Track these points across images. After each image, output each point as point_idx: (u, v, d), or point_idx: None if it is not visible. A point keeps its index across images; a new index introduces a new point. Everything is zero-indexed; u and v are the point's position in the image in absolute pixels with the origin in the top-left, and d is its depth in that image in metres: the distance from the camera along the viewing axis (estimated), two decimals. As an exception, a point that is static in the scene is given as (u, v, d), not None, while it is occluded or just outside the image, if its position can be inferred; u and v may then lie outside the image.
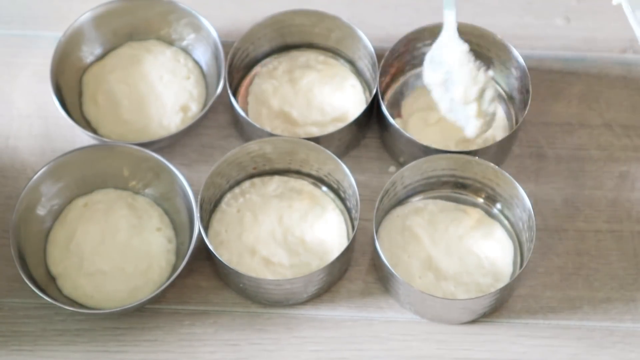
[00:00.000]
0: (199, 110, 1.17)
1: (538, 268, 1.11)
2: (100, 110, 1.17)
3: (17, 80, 1.21)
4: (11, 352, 1.07)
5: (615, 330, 1.08)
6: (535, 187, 1.15)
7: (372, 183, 1.15)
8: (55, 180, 1.11)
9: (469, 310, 1.07)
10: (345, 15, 1.18)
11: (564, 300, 1.10)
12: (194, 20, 1.18)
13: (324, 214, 1.11)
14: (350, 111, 1.16)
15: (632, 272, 1.11)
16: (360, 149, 1.17)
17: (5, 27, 1.24)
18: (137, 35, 1.21)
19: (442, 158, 1.09)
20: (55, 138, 1.17)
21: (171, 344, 1.07)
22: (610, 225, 1.14)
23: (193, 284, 1.10)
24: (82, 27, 1.18)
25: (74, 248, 1.10)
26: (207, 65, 1.19)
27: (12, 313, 1.08)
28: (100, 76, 1.19)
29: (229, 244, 1.10)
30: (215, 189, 1.11)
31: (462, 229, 1.10)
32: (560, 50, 1.23)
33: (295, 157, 1.12)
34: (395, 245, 1.10)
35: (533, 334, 1.08)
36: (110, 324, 1.08)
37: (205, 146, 1.17)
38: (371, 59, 1.15)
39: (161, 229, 1.11)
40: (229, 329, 1.08)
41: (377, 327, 1.08)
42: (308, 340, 1.08)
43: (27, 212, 1.09)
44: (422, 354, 1.07)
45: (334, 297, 1.10)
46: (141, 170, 1.12)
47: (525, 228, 1.08)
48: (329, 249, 1.09)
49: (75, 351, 1.07)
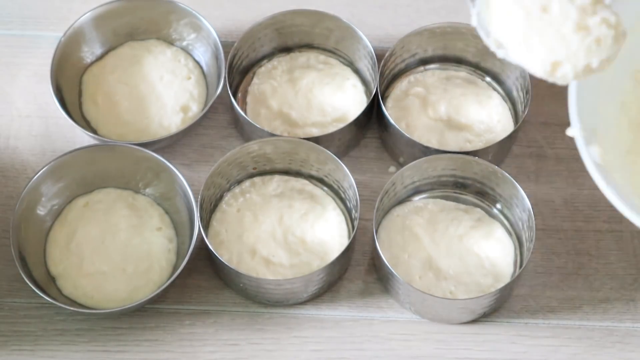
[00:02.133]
0: (200, 110, 1.17)
1: (538, 268, 1.11)
2: (100, 110, 1.17)
3: (17, 80, 1.21)
4: (11, 352, 1.07)
5: (614, 330, 1.08)
6: (535, 187, 1.15)
7: (372, 183, 1.15)
8: (56, 180, 1.11)
9: (469, 310, 1.07)
10: (345, 15, 1.18)
11: (564, 300, 1.10)
12: (194, 20, 1.18)
13: (325, 214, 1.11)
14: (350, 111, 1.16)
15: (632, 272, 1.11)
16: (360, 149, 1.17)
17: (5, 27, 1.24)
18: (137, 35, 1.21)
19: (442, 158, 1.10)
20: (55, 138, 1.17)
21: (171, 343, 1.07)
22: (610, 225, 1.14)
23: (193, 284, 1.10)
24: (82, 27, 1.18)
25: (74, 248, 1.10)
26: (207, 65, 1.19)
27: (12, 313, 1.09)
28: (100, 76, 1.19)
29: (229, 244, 1.10)
30: (216, 189, 1.11)
31: (462, 229, 1.10)
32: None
33: (295, 157, 1.12)
34: (395, 245, 1.10)
35: (533, 334, 1.08)
36: (111, 323, 1.08)
37: (205, 146, 1.17)
38: (371, 59, 1.15)
39: (162, 228, 1.11)
40: (229, 328, 1.08)
41: (377, 327, 1.08)
42: (308, 340, 1.08)
43: (27, 212, 1.09)
44: (422, 354, 1.07)
45: (334, 297, 1.10)
46: (141, 170, 1.12)
47: (525, 228, 1.08)
48: (329, 249, 1.09)
49: (76, 351, 1.07)
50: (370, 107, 1.14)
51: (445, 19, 1.19)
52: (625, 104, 0.98)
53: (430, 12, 1.24)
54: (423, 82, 1.18)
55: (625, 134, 0.99)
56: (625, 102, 0.98)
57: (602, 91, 0.96)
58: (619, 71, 0.97)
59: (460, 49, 1.18)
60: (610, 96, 0.97)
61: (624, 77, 0.99)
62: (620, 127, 0.98)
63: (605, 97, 0.96)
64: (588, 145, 0.93)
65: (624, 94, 0.98)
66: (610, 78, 0.96)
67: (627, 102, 0.99)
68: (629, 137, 0.99)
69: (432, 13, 1.24)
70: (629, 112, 0.99)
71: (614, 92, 0.98)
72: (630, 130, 0.98)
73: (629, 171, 0.97)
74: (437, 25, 1.16)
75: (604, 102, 0.96)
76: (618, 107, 0.98)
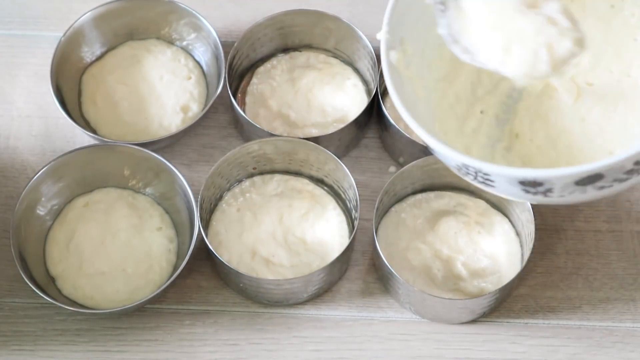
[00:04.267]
0: (200, 110, 1.17)
1: (538, 268, 1.11)
2: (100, 110, 1.17)
3: (17, 80, 1.21)
4: (12, 351, 1.07)
5: (614, 330, 1.08)
6: (535, 187, 1.15)
7: (372, 183, 1.15)
8: (56, 180, 1.11)
9: (469, 310, 1.07)
10: (345, 15, 1.18)
11: (564, 300, 1.10)
12: (194, 20, 1.18)
13: (325, 214, 1.11)
14: (351, 111, 1.16)
15: (632, 272, 1.11)
16: (360, 149, 1.17)
17: (5, 27, 1.24)
18: (137, 35, 1.21)
19: (442, 158, 1.10)
20: (55, 138, 1.17)
21: (171, 343, 1.08)
22: (610, 225, 1.14)
23: (193, 284, 1.10)
24: (82, 27, 1.18)
25: (74, 248, 1.10)
26: (207, 65, 1.19)
27: (12, 313, 1.09)
28: (100, 76, 1.19)
29: (229, 244, 1.10)
30: (216, 189, 1.11)
31: (462, 228, 1.10)
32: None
33: (295, 157, 1.12)
34: (396, 244, 1.10)
35: (533, 334, 1.08)
36: (111, 323, 1.08)
37: (205, 146, 1.17)
38: (371, 59, 1.15)
39: (162, 228, 1.11)
40: (229, 328, 1.08)
41: (377, 327, 1.09)
42: (308, 340, 1.08)
43: (27, 212, 1.09)
44: (422, 354, 1.07)
45: (334, 297, 1.10)
46: (141, 170, 1.12)
47: (525, 228, 1.08)
48: (329, 249, 1.09)
49: (76, 351, 1.07)
50: (370, 107, 1.14)
51: (445, 19, 1.19)
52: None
53: (430, 12, 1.24)
54: (423, 82, 1.18)
55: (446, 63, 1.01)
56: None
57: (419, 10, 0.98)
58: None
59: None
60: (425, 18, 0.99)
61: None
62: (442, 54, 0.99)
63: (429, 20, 0.98)
64: (389, 50, 0.97)
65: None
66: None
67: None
68: (448, 67, 1.01)
69: (432, 13, 1.24)
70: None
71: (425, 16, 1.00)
72: (451, 62, 1.00)
73: (435, 98, 1.00)
74: (437, 25, 1.16)
75: (427, 23, 0.98)
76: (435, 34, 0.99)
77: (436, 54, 1.01)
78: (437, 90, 1.01)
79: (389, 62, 0.97)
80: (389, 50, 0.98)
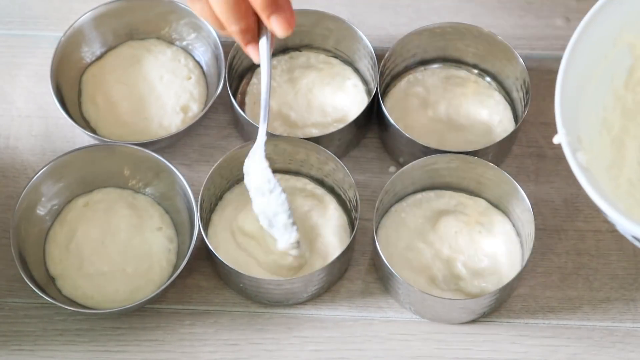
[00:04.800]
0: (200, 110, 1.17)
1: (538, 268, 1.11)
2: (100, 111, 1.17)
3: (17, 80, 1.21)
4: (12, 351, 1.07)
5: (615, 330, 1.08)
6: (535, 187, 1.15)
7: (372, 183, 1.15)
8: (56, 180, 1.11)
9: (469, 310, 1.07)
10: (345, 15, 1.18)
11: (564, 300, 1.10)
12: (194, 20, 1.18)
13: (325, 213, 1.11)
14: (351, 111, 1.16)
15: (632, 272, 1.11)
16: (360, 149, 1.17)
17: (5, 27, 1.24)
18: (137, 35, 1.21)
19: (442, 158, 1.09)
20: (55, 138, 1.17)
21: (171, 343, 1.07)
22: (610, 225, 1.12)
23: (193, 284, 1.10)
24: (82, 27, 1.18)
25: (74, 248, 1.10)
26: (207, 65, 1.19)
27: (12, 313, 1.08)
28: (100, 76, 1.19)
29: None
30: (216, 189, 1.11)
31: (463, 227, 1.10)
32: (560, 51, 1.21)
33: (295, 157, 1.12)
34: (396, 244, 1.10)
35: (533, 334, 1.08)
36: (111, 323, 1.08)
37: (205, 146, 1.17)
38: (371, 59, 1.15)
39: (162, 228, 1.11)
40: (229, 328, 1.08)
41: (377, 327, 1.09)
42: (308, 340, 1.08)
43: (27, 212, 1.09)
44: (422, 354, 1.07)
45: (334, 297, 1.10)
46: (141, 170, 1.12)
47: (525, 228, 1.08)
48: (329, 249, 1.09)
49: (76, 351, 1.07)
50: (370, 107, 1.14)
51: (445, 19, 1.19)
52: (607, 120, 0.99)
53: (430, 12, 1.24)
54: (423, 82, 1.18)
55: (607, 150, 0.99)
56: (607, 119, 0.99)
57: (585, 104, 0.96)
58: (600, 86, 0.97)
59: (459, 49, 1.18)
60: (593, 110, 0.97)
61: (606, 93, 0.99)
62: (603, 143, 0.98)
63: (588, 110, 0.96)
64: (575, 152, 0.93)
65: (606, 110, 0.98)
66: (592, 91, 0.96)
67: (609, 119, 0.99)
68: (610, 153, 0.99)
69: (432, 13, 1.24)
70: (611, 130, 0.99)
71: (597, 107, 0.98)
72: (612, 147, 0.98)
73: (612, 185, 0.97)
74: (437, 25, 1.16)
75: (586, 114, 0.96)
76: (600, 122, 0.98)
77: (598, 144, 0.98)
78: (611, 179, 0.98)
79: (579, 164, 0.93)
80: (575, 153, 0.93)
